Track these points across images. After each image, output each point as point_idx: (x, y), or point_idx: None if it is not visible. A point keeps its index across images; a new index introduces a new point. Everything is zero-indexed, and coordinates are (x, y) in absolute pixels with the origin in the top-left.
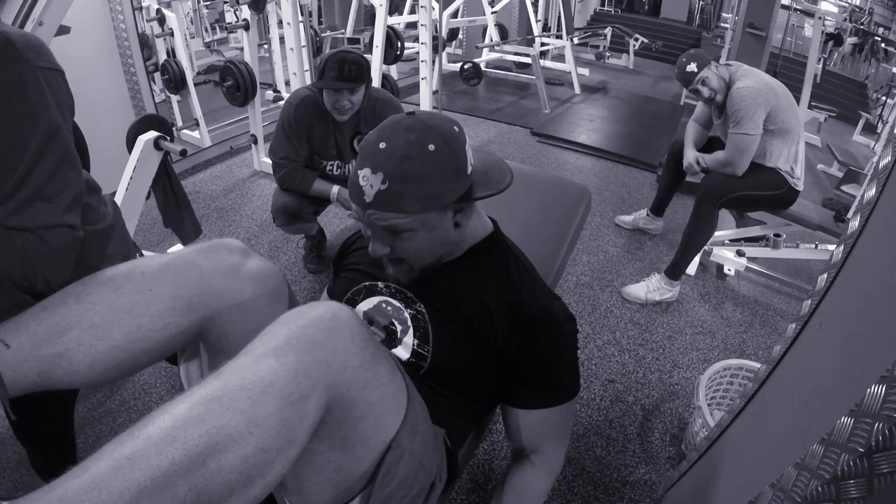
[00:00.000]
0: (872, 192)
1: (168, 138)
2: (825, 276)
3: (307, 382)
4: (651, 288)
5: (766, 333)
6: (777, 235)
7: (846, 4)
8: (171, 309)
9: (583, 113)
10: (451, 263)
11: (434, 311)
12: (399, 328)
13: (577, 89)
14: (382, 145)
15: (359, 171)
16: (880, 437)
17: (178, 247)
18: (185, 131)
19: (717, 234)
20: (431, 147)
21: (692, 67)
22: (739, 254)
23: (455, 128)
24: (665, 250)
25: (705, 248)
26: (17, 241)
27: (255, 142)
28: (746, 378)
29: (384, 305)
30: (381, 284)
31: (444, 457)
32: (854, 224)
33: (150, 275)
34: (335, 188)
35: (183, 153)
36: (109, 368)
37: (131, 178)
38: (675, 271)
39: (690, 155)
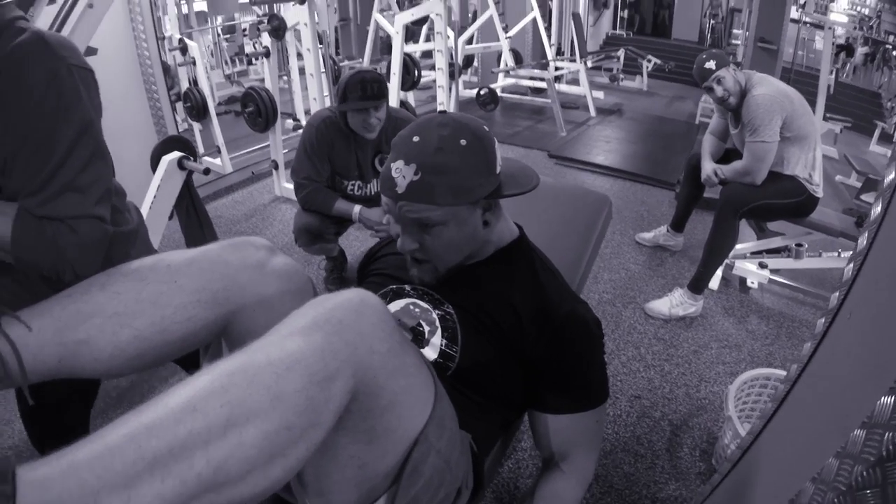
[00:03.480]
0: (893, 174)
1: (192, 158)
2: (851, 265)
3: (334, 363)
4: (674, 303)
5: (792, 345)
6: (799, 245)
7: (855, 13)
8: (195, 302)
9: (599, 135)
10: (477, 265)
11: (462, 311)
12: (427, 329)
13: (592, 112)
14: (416, 139)
15: (392, 164)
16: None
17: None
18: (206, 158)
19: (738, 247)
20: (464, 142)
21: (710, 65)
22: (762, 266)
23: (485, 127)
24: (686, 266)
25: (727, 261)
26: (47, 231)
27: (276, 167)
28: (775, 388)
29: (411, 307)
30: (408, 287)
31: (471, 462)
32: (876, 209)
33: (176, 268)
34: (357, 207)
35: (206, 171)
36: (131, 358)
37: (155, 198)
38: (698, 285)
39: (708, 167)
